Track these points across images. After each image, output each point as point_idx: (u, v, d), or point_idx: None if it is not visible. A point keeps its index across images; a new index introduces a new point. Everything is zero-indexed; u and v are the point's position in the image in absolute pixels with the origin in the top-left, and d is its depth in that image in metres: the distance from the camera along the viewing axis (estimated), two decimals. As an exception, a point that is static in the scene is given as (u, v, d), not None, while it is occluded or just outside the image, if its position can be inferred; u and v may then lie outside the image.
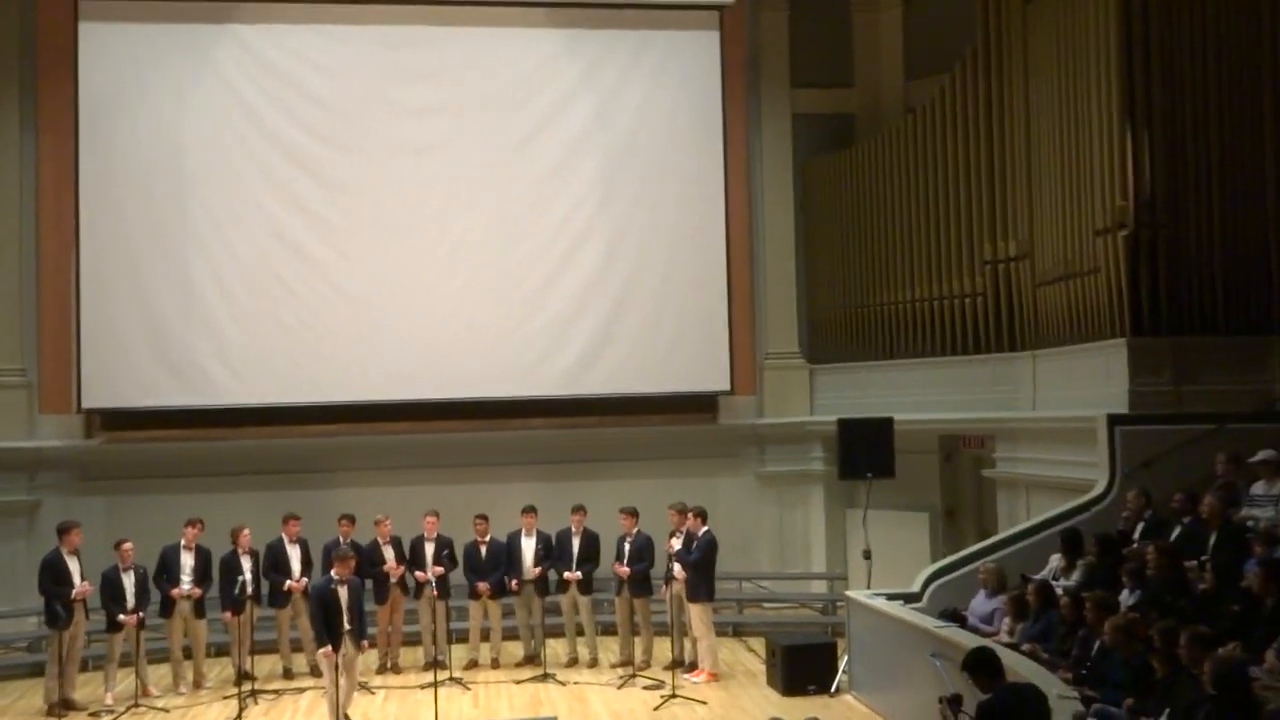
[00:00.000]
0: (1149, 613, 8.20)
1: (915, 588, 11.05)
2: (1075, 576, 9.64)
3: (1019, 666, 8.06)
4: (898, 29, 15.76)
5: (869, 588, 11.59)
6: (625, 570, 12.24)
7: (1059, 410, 12.12)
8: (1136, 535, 9.83)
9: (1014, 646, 8.93)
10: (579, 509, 12.80)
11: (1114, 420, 10.88)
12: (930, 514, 14.61)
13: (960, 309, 13.88)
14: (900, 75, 15.77)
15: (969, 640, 8.66)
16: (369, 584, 11.93)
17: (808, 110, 15.83)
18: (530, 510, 12.76)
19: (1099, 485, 10.87)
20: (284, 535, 12.47)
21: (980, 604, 10.16)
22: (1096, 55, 11.61)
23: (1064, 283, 12.09)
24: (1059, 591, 9.37)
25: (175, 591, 11.86)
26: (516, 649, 12.82)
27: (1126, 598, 8.73)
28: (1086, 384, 11.73)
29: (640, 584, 12.32)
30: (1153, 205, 11.16)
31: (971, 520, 14.83)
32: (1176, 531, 9.52)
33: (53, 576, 11.23)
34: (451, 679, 11.76)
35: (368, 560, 12.23)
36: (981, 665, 6.83)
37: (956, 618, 9.94)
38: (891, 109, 15.64)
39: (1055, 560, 10.13)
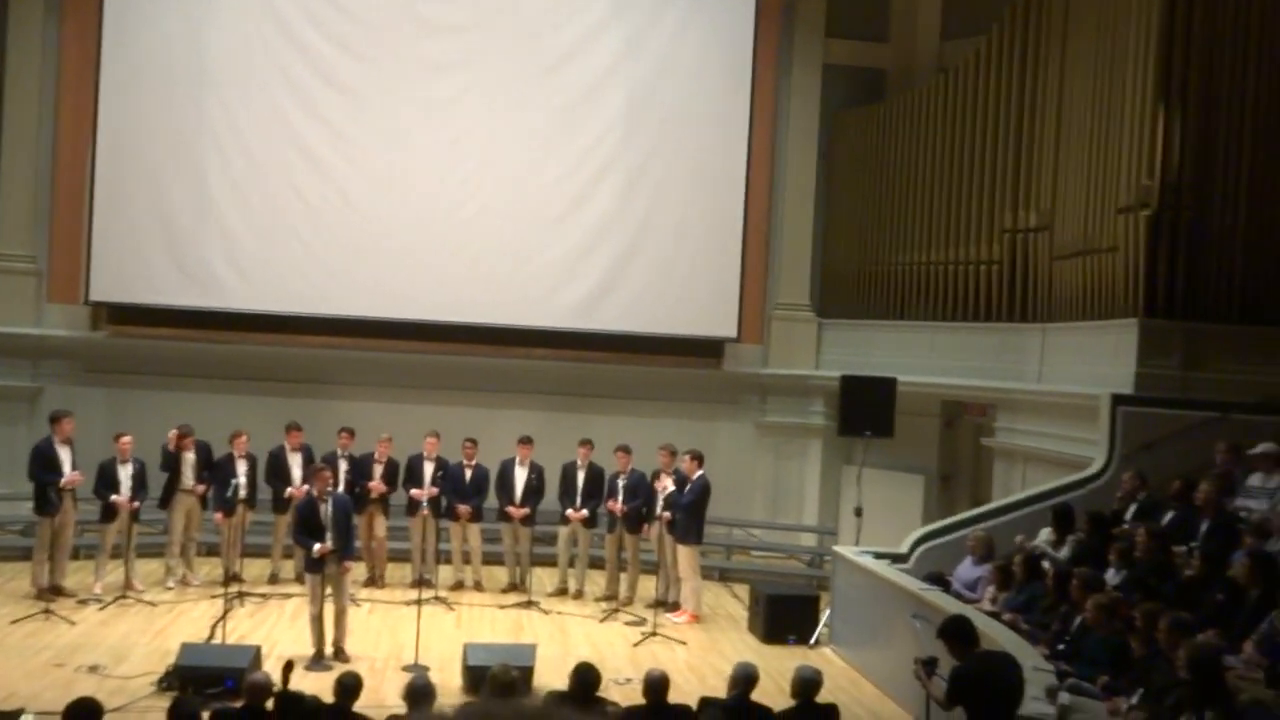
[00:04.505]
0: (1133, 594, 8.25)
1: (904, 549, 11.12)
2: (1064, 552, 9.68)
3: (998, 635, 8.12)
4: (937, -13, 15.52)
5: (858, 545, 11.66)
6: (620, 507, 12.28)
7: (1064, 385, 12.09)
8: (1129, 516, 9.85)
9: (995, 615, 8.99)
10: (586, 442, 12.77)
11: (1118, 400, 10.86)
12: (925, 477, 14.62)
13: (975, 275, 13.81)
14: (936, 34, 15.52)
15: (951, 605, 8.73)
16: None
17: (840, 62, 15.63)
18: (526, 441, 12.76)
19: (1096, 463, 10.88)
20: (286, 443, 12.54)
21: (966, 570, 10.22)
22: (1136, 32, 11.42)
23: (1081, 258, 12.00)
24: (1045, 565, 9.41)
25: (193, 489, 12.01)
26: (501, 574, 12.91)
27: (1112, 577, 8.77)
28: (1094, 361, 11.69)
29: (632, 521, 12.38)
30: (1178, 187, 11.04)
31: (966, 487, 14.86)
32: (1169, 516, 9.53)
33: (42, 464, 11.28)
34: (436, 598, 11.87)
35: (359, 473, 12.33)
36: (955, 633, 6.87)
37: (941, 582, 10.00)
38: (925, 67, 15.43)
39: (1045, 534, 10.17)
